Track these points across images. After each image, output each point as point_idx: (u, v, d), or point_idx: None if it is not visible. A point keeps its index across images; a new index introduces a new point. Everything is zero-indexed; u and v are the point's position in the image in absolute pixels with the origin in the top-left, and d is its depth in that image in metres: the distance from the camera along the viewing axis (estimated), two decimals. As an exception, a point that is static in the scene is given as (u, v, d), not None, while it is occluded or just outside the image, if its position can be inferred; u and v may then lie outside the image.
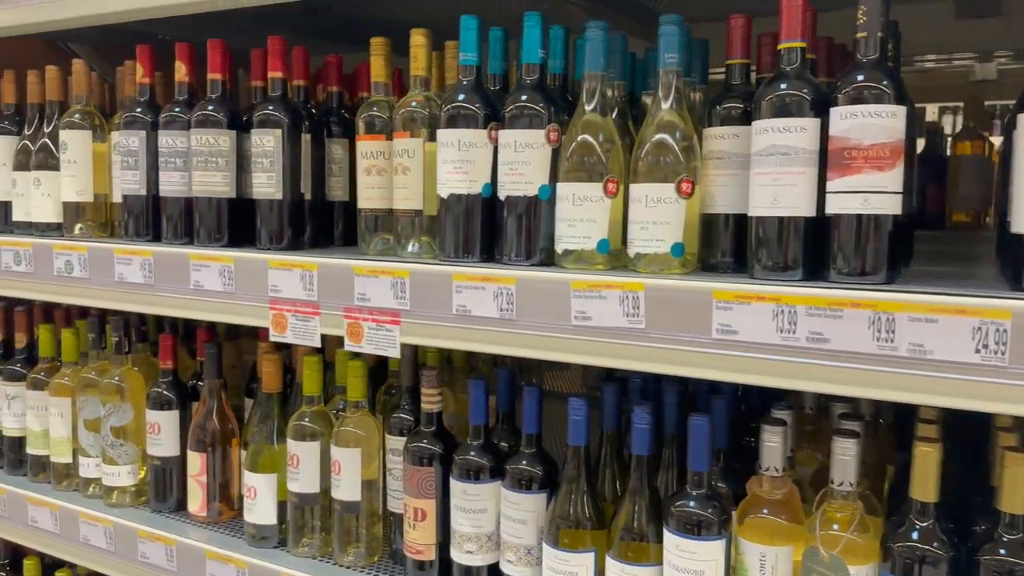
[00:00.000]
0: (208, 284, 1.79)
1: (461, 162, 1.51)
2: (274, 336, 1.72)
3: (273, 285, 1.71)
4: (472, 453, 1.63)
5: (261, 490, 1.86)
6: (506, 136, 1.49)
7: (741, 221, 1.42)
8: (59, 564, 2.50)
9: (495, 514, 1.62)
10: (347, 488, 1.77)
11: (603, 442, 1.59)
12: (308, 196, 1.84)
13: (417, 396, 1.81)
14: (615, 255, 1.46)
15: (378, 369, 1.97)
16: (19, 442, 2.32)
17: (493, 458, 1.62)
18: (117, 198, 2.08)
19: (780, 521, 1.35)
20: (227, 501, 2.04)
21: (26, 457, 2.31)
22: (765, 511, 1.37)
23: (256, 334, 2.36)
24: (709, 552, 1.36)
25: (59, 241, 2.03)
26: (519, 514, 1.56)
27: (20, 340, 2.33)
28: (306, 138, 1.82)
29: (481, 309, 1.47)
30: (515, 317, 1.44)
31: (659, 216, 1.37)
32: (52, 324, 2.29)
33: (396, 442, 1.78)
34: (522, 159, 1.47)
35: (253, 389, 2.17)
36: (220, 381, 2.04)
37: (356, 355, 1.85)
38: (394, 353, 1.58)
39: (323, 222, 1.92)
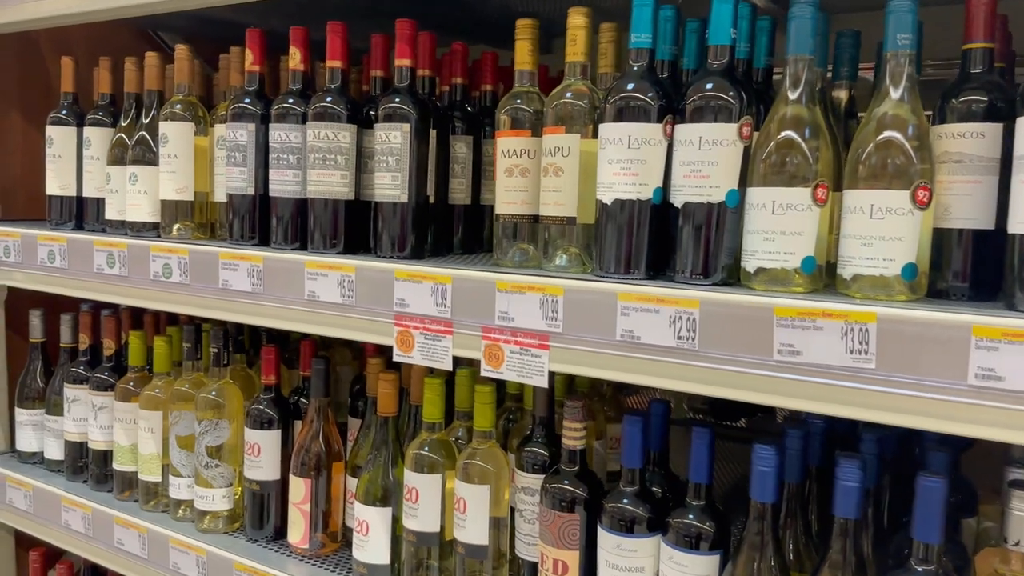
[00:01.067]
0: (325, 295, 1.59)
1: (630, 162, 1.29)
2: (399, 356, 1.52)
3: (400, 299, 1.50)
4: (626, 501, 1.40)
5: (374, 525, 1.66)
6: (687, 132, 1.26)
7: (982, 238, 1.17)
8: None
9: (653, 573, 1.39)
10: (473, 529, 1.55)
11: (783, 496, 1.35)
12: (432, 199, 1.64)
13: (551, 428, 1.59)
14: (815, 277, 1.22)
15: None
16: (105, 456, 2.17)
17: (651, 508, 1.39)
18: (219, 197, 1.91)
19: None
20: (329, 532, 1.84)
21: (111, 472, 2.16)
22: (1013, 596, 1.12)
23: (350, 345, 2.18)
24: (945, 644, 1.11)
25: (157, 243, 1.86)
26: (686, 577, 1.33)
27: (108, 347, 2.18)
28: (433, 134, 1.61)
29: (652, 336, 1.24)
30: (696, 347, 1.20)
31: (889, 230, 1.13)
32: (142, 331, 2.14)
33: (527, 479, 1.56)
34: (707, 159, 1.24)
35: (358, 408, 1.98)
36: (328, 399, 1.85)
37: (485, 379, 1.65)
38: (540, 382, 1.36)
39: (444, 228, 1.72)
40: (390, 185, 1.59)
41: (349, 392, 2.01)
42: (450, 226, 1.78)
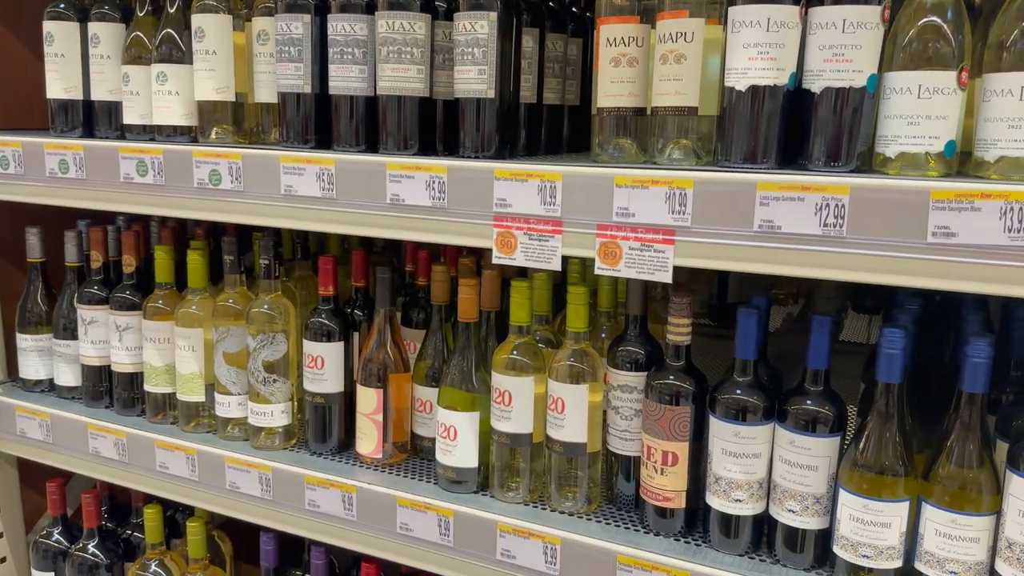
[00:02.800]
0: (411, 198, 1.52)
1: (768, 46, 1.26)
2: (498, 257, 1.47)
3: (500, 199, 1.45)
4: (740, 391, 1.43)
5: (463, 430, 1.64)
6: (830, 14, 1.23)
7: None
8: (182, 511, 2.28)
9: (768, 459, 1.43)
10: (572, 428, 1.56)
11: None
12: (520, 96, 1.58)
13: (645, 326, 1.60)
14: (952, 161, 1.24)
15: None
16: (133, 378, 2.06)
17: (766, 396, 1.42)
18: (261, 97, 1.77)
19: None
20: (399, 443, 1.82)
21: (142, 395, 2.06)
22: None
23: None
24: (1079, 502, 1.19)
25: (202, 147, 1.73)
26: (808, 459, 1.37)
27: (128, 263, 2.04)
28: (525, 26, 1.54)
29: (795, 225, 1.24)
30: (844, 234, 1.21)
31: (1040, 112, 1.15)
32: (168, 245, 2.00)
33: (625, 377, 1.57)
34: (851, 42, 1.23)
35: (411, 317, 1.93)
36: (394, 308, 1.79)
37: (577, 281, 1.64)
38: (664, 277, 1.35)
39: (533, 127, 1.66)
40: (476, 80, 1.51)
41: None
42: (538, 126, 1.72)
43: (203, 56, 1.74)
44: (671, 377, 1.48)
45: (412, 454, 1.85)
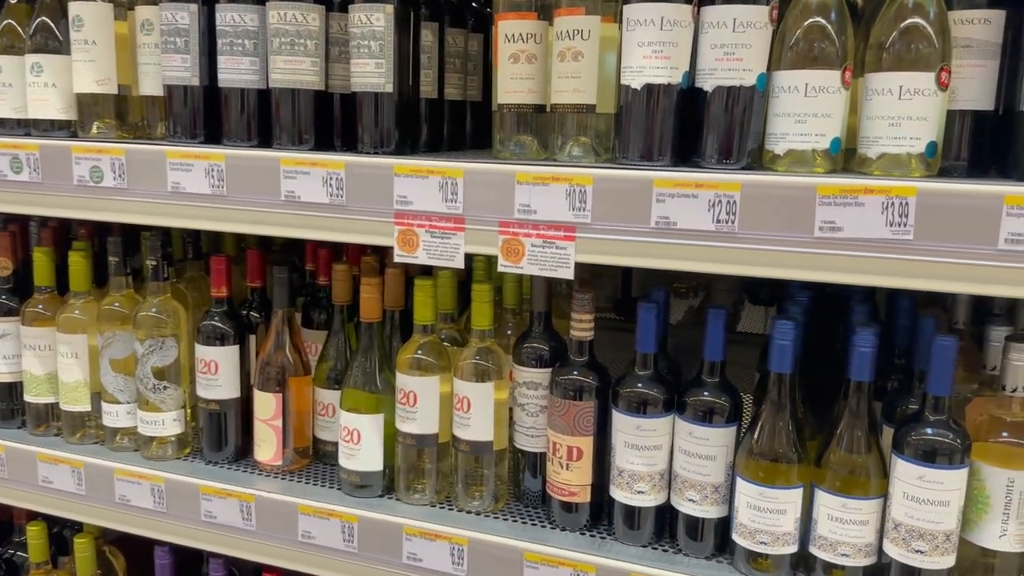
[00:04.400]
0: (307, 195, 1.47)
1: (663, 44, 1.27)
2: (400, 256, 1.44)
3: (401, 195, 1.42)
4: (641, 384, 1.44)
5: (367, 433, 1.60)
6: (720, 13, 1.26)
7: (982, 119, 1.28)
8: (70, 527, 2.15)
9: (668, 450, 1.45)
10: (478, 427, 1.55)
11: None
12: (418, 90, 1.55)
13: (550, 322, 1.60)
14: (837, 157, 1.28)
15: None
16: (11, 389, 1.93)
17: (665, 389, 1.45)
18: (146, 90, 1.69)
19: (1029, 445, 1.26)
20: (300, 448, 1.77)
21: (21, 406, 1.93)
22: (1007, 434, 1.28)
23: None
24: (955, 481, 1.25)
25: (83, 143, 1.63)
26: (707, 450, 1.40)
27: (3, 267, 1.91)
28: (420, 19, 1.51)
29: (690, 221, 1.26)
30: (736, 230, 1.24)
31: (915, 110, 1.20)
32: (48, 247, 1.88)
33: (530, 374, 1.57)
34: (741, 41, 1.25)
35: (311, 317, 1.88)
36: (292, 309, 1.74)
37: (482, 279, 1.63)
38: (567, 274, 1.36)
39: (433, 123, 1.64)
40: (373, 73, 1.47)
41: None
42: (440, 121, 1.70)
43: (82, 46, 1.64)
44: (575, 372, 1.49)
45: (315, 459, 1.80)
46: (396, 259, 1.45)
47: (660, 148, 1.32)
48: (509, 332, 1.72)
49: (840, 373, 1.35)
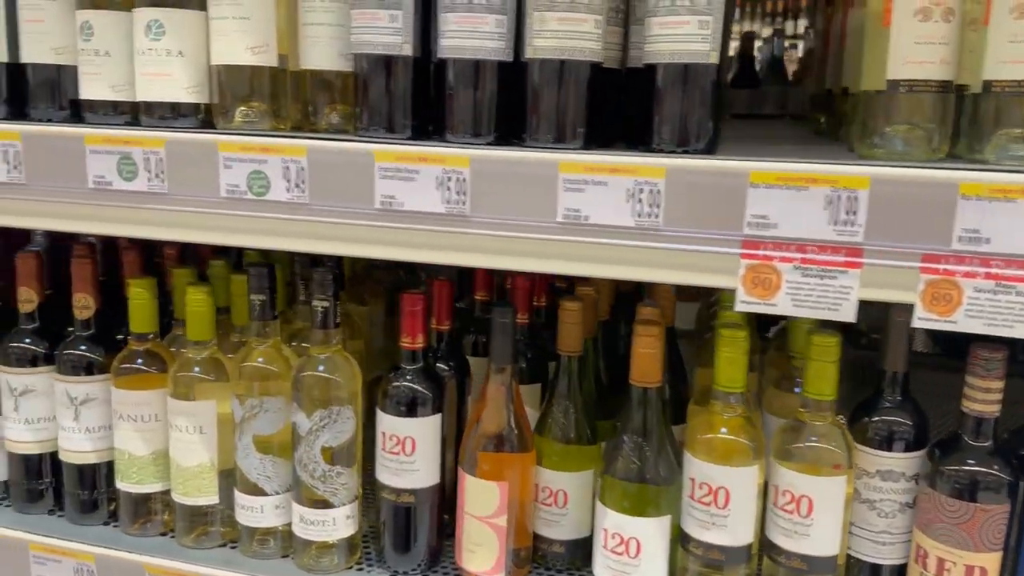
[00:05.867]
0: (599, 214, 1.01)
1: None
2: (746, 303, 0.99)
3: (756, 215, 0.97)
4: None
5: (649, 542, 1.15)
6: None
7: None
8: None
9: None
10: (821, 536, 1.11)
11: None
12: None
13: (907, 388, 1.16)
14: None
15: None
16: (94, 472, 1.42)
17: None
18: (312, 62, 1.19)
19: None
20: (521, 549, 1.30)
21: (104, 495, 1.42)
22: None
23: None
24: None
25: (235, 137, 1.13)
26: None
27: (84, 305, 1.39)
28: None
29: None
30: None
31: None
32: (149, 278, 1.37)
33: (886, 461, 1.13)
34: None
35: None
36: (515, 365, 1.27)
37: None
38: (1026, 331, 0.92)
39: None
40: (693, 37, 1.01)
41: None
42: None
43: (229, 1, 1.14)
44: (974, 462, 1.06)
45: (532, 563, 1.34)
46: (739, 306, 1.00)
47: None
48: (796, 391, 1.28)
49: None
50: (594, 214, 1.01)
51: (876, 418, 1.14)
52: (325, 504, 1.28)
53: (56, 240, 1.59)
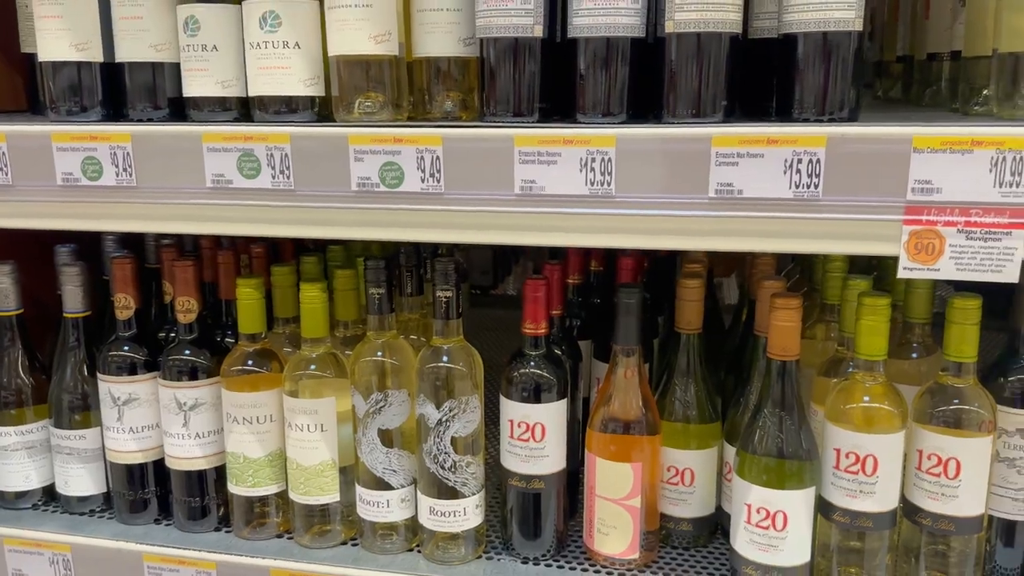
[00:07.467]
0: (753, 187, 1.00)
1: None
2: (909, 268, 0.99)
3: (921, 180, 0.97)
4: None
5: (795, 515, 1.15)
6: None
7: None
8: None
9: None
10: (969, 497, 1.12)
11: None
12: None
13: None
14: None
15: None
16: (203, 478, 1.39)
17: None
18: (428, 49, 1.17)
19: None
20: (650, 531, 1.30)
21: (214, 500, 1.40)
22: None
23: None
24: None
25: (366, 129, 1.10)
26: None
27: (187, 308, 1.36)
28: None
29: None
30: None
31: None
32: (255, 277, 1.35)
33: None
34: None
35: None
36: (641, 347, 1.26)
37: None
38: None
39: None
40: (840, 3, 1.01)
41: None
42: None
43: (347, -12, 1.11)
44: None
45: (663, 544, 1.35)
46: (902, 272, 1.00)
47: None
48: (914, 356, 1.30)
49: None
50: (748, 187, 1.00)
51: (1013, 377, 1.15)
52: (455, 494, 1.27)
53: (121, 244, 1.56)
